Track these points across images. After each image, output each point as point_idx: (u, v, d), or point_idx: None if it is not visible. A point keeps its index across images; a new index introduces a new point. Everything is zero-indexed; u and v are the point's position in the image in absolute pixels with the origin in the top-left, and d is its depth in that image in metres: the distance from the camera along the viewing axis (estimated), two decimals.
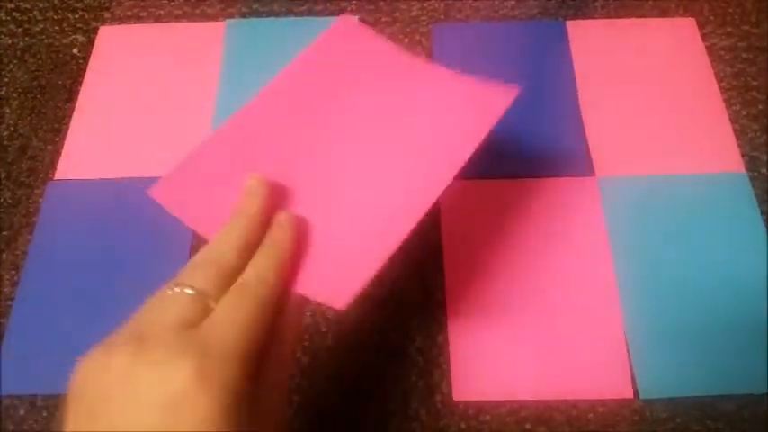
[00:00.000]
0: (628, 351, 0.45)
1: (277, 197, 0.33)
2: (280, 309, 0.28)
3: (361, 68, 0.39)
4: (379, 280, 0.48)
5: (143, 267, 0.49)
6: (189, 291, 0.27)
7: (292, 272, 0.31)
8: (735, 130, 0.54)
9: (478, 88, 0.39)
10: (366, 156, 0.36)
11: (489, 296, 0.48)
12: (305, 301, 0.32)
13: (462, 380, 0.45)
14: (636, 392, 0.44)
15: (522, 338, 0.46)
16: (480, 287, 0.48)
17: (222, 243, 0.29)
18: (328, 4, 0.62)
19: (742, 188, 0.52)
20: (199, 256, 0.29)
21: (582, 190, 0.52)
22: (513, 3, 0.62)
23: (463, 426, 0.44)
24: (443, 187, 0.35)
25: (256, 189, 0.32)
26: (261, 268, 0.28)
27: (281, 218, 0.31)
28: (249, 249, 0.29)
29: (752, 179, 0.52)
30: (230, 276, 0.28)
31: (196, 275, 0.27)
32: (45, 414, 0.45)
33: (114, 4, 0.63)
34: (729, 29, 0.60)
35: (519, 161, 0.53)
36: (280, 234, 0.30)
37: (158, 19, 0.62)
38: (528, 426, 0.44)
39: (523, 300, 0.48)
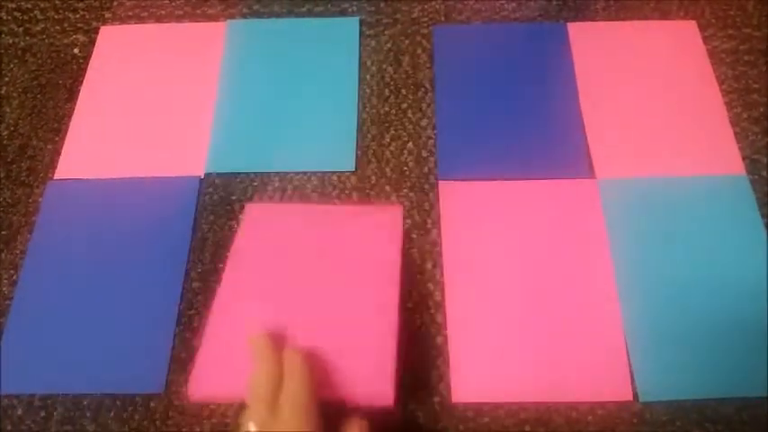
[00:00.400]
0: (627, 353, 0.45)
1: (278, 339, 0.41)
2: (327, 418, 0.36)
3: (290, 234, 0.47)
4: None
5: (142, 267, 0.49)
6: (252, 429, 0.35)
7: (320, 384, 0.38)
8: (735, 133, 0.54)
9: (376, 213, 0.48)
10: (329, 293, 0.44)
11: (488, 298, 0.48)
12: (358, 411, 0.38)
13: (461, 382, 0.45)
14: (635, 395, 0.44)
15: (522, 340, 0.46)
16: (479, 289, 0.48)
17: (259, 384, 0.37)
18: (329, 6, 0.62)
19: (742, 191, 0.52)
20: (250, 399, 0.37)
21: (582, 192, 0.52)
22: (515, 5, 0.62)
23: (461, 428, 0.44)
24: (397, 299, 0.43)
25: (261, 343, 0.39)
26: (290, 394, 0.36)
27: (287, 354, 0.38)
28: (278, 378, 0.37)
29: (752, 182, 0.52)
30: (274, 401, 0.36)
31: (254, 415, 0.36)
32: (43, 414, 0.45)
33: (115, 4, 0.63)
34: (731, 31, 0.60)
35: (519, 163, 0.53)
36: (292, 365, 0.37)
37: (159, 19, 0.62)
38: (527, 428, 0.43)
39: (523, 302, 0.47)
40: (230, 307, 0.44)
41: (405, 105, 0.57)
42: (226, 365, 0.42)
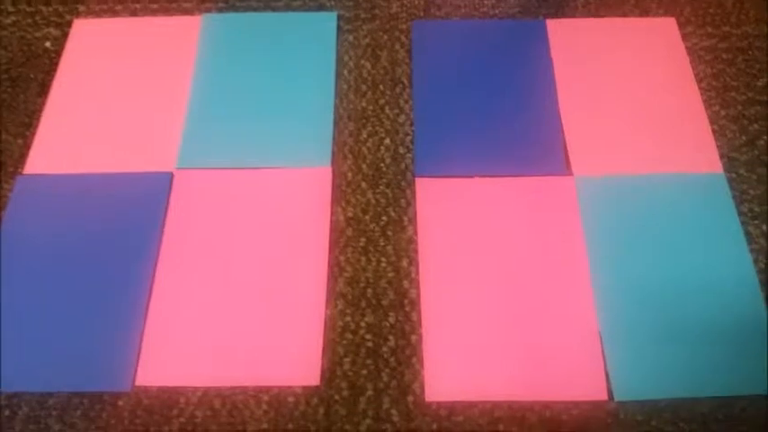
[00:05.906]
0: (603, 352, 0.45)
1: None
2: None
3: (221, 200, 0.51)
4: (353, 279, 0.48)
5: (112, 262, 0.49)
6: None
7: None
8: (713, 131, 0.54)
9: (305, 176, 0.52)
10: (261, 261, 0.48)
11: (464, 296, 0.47)
12: None
13: (435, 380, 0.44)
14: (610, 394, 0.44)
15: (497, 339, 0.46)
16: (455, 287, 0.47)
17: None
18: (306, 0, 0.61)
19: (720, 189, 0.51)
20: None
21: (559, 189, 0.51)
22: (494, 1, 0.61)
23: (435, 427, 0.43)
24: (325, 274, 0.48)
25: None
26: None
27: None
28: None
29: (730, 180, 0.52)
30: None
31: None
32: (7, 413, 0.44)
33: None
34: (710, 29, 0.60)
35: (497, 160, 0.53)
36: None
37: (134, 13, 0.61)
38: (501, 427, 0.43)
39: (498, 300, 0.47)
40: (170, 287, 0.47)
41: (382, 101, 0.56)
42: (171, 349, 0.45)
